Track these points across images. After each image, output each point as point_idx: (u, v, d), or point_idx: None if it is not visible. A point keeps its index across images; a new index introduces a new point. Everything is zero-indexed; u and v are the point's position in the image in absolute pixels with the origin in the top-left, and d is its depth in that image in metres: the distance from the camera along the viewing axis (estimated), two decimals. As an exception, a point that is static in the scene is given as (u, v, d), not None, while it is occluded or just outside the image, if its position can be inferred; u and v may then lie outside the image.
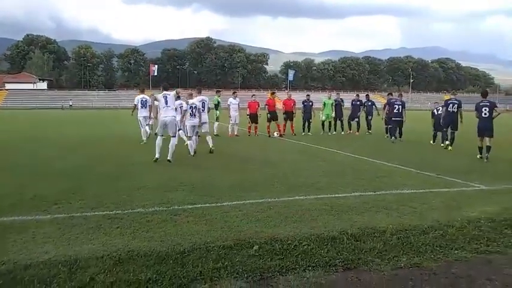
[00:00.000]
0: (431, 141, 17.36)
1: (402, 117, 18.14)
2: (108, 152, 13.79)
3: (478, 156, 13.10)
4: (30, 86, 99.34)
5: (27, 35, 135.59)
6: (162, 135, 11.71)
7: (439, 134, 16.81)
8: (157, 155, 11.41)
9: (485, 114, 13.02)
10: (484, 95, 13.93)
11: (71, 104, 79.84)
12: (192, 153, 12.86)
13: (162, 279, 4.03)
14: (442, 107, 15.96)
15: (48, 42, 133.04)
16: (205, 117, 14.09)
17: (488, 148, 12.79)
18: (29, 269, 4.22)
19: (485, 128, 12.96)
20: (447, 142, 15.45)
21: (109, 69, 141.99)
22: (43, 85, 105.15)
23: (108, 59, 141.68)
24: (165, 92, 12.05)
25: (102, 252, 4.65)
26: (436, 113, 17.21)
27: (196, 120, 13.24)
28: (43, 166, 10.91)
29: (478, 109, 13.19)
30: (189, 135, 13.27)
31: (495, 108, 13.25)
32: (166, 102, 11.84)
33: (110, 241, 5.05)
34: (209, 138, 13.95)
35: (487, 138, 12.90)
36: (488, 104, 13.26)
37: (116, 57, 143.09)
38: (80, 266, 4.28)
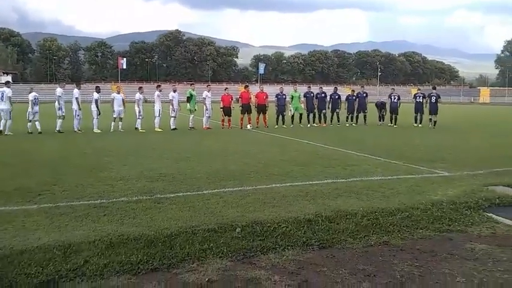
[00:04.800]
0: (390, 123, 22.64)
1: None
2: (80, 144, 13.85)
3: (429, 126, 21.26)
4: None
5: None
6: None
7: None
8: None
9: (433, 101, 21.58)
10: (434, 88, 24.34)
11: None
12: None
13: (152, 260, 4.30)
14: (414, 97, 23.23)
15: (11, 35, 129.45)
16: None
17: (435, 122, 21.40)
18: (25, 253, 4.42)
19: (433, 109, 21.53)
20: (419, 124, 21.85)
21: (75, 62, 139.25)
22: (7, 79, 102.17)
23: (74, 52, 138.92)
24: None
25: (93, 237, 4.88)
26: (391, 101, 23.50)
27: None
28: (19, 159, 10.95)
29: (429, 97, 21.75)
30: None
31: (439, 99, 21.87)
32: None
33: (99, 227, 5.29)
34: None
35: (434, 116, 21.40)
36: (435, 95, 21.70)
37: (82, 50, 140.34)
38: (73, 250, 4.50)
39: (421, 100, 22.14)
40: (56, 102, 18.38)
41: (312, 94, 22.60)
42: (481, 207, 6.30)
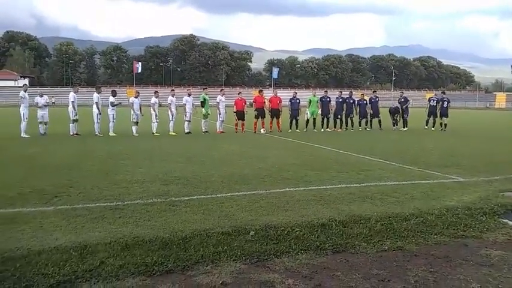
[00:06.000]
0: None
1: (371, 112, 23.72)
2: (96, 147, 14.01)
3: (440, 129, 22.66)
4: (11, 83, 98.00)
5: (7, 32, 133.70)
6: None
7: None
8: None
9: (444, 105, 23.29)
10: (443, 92, 25.96)
11: (53, 101, 78.91)
12: None
13: (167, 262, 4.36)
14: (429, 101, 24.64)
15: (28, 39, 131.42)
16: None
17: (445, 124, 22.91)
18: (42, 254, 4.51)
19: (444, 113, 23.23)
20: (432, 128, 23.23)
21: (91, 66, 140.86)
22: (25, 82, 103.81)
23: (90, 56, 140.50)
24: None
25: (109, 238, 4.96)
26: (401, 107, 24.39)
27: None
28: (36, 162, 11.12)
29: (441, 101, 23.45)
30: None
31: (449, 103, 23.55)
32: None
33: (115, 229, 5.36)
34: None
35: (445, 118, 23.11)
36: (446, 99, 23.59)
37: (98, 54, 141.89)
38: (89, 251, 4.58)
39: (435, 104, 23.77)
40: (70, 106, 18.56)
41: (328, 99, 22.59)
42: (497, 213, 6.26)
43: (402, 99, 24.37)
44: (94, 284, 3.94)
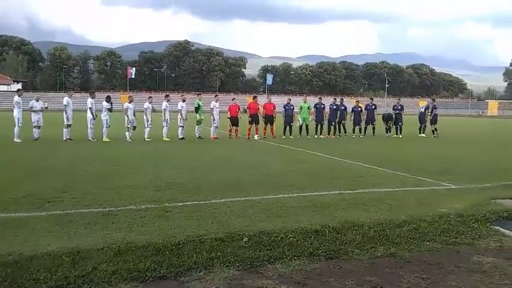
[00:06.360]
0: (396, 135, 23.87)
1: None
2: (89, 153, 13.96)
3: (432, 136, 23.22)
4: (4, 88, 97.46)
5: (1, 36, 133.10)
6: None
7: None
8: None
9: (436, 112, 24.36)
10: (434, 100, 27.05)
11: (46, 106, 78.55)
12: None
13: (160, 268, 4.34)
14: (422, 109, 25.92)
15: (22, 43, 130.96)
16: None
17: (436, 129, 23.79)
18: (34, 259, 4.47)
19: (435, 120, 24.10)
20: (423, 134, 24.06)
21: (85, 71, 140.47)
22: (18, 87, 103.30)
23: (84, 61, 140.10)
24: None
25: (102, 244, 4.93)
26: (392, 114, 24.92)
27: None
28: (29, 167, 11.07)
29: (432, 109, 24.51)
30: None
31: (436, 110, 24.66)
32: None
33: (108, 235, 5.34)
34: None
35: (434, 125, 23.86)
36: (437, 107, 24.80)
37: (92, 59, 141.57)
38: (82, 257, 4.55)
39: (424, 111, 24.93)
40: (64, 112, 18.51)
41: (322, 106, 22.67)
42: (489, 220, 6.28)
43: (399, 107, 24.46)
44: (86, 289, 3.92)
